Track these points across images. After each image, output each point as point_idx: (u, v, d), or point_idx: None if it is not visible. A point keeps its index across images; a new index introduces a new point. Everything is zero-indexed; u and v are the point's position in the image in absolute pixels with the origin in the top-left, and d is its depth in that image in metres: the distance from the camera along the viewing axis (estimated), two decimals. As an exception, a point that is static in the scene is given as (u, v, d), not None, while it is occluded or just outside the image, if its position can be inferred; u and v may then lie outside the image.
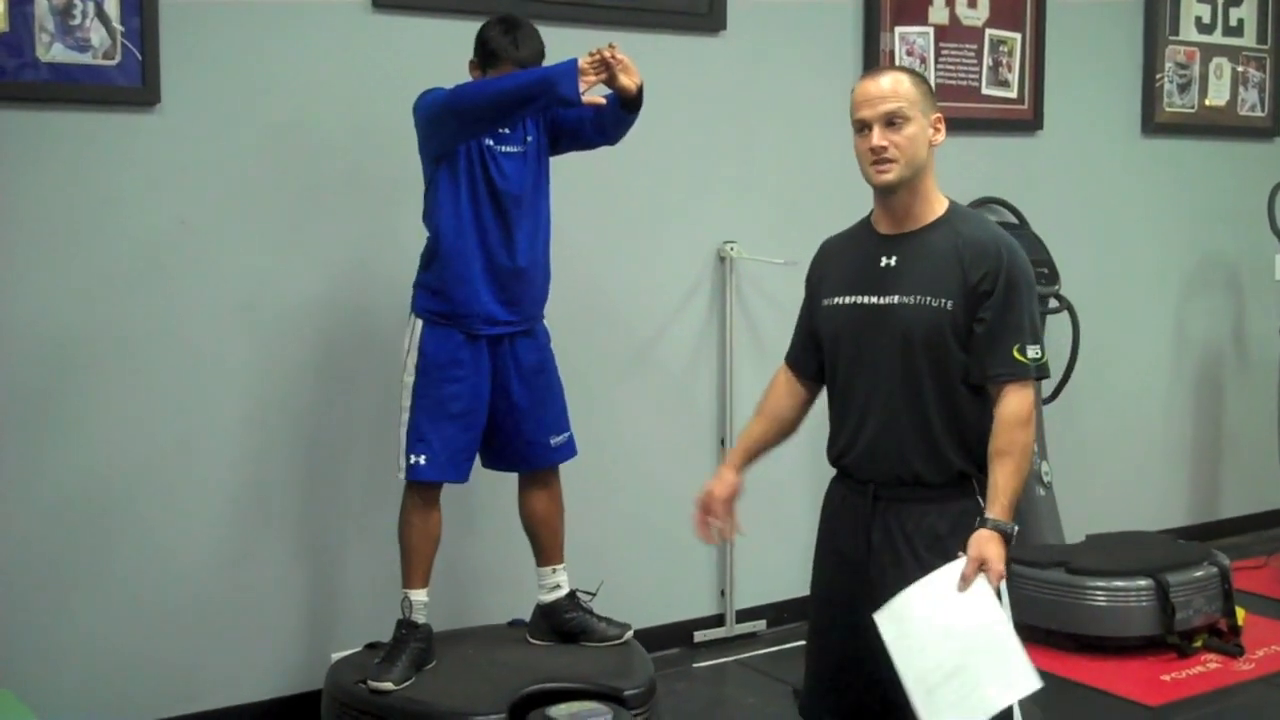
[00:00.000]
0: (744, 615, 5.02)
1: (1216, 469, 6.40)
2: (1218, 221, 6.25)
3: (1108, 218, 5.91)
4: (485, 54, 3.80)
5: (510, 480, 4.12)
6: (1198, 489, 6.34)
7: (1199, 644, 4.83)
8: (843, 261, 2.97)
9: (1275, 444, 5.87)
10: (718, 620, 4.99)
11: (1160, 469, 6.18)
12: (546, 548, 4.06)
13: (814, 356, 3.03)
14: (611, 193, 4.66)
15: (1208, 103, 6.19)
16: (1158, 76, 5.99)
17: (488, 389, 3.84)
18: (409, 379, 3.80)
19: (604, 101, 3.66)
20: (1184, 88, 6.09)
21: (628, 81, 3.67)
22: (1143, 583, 4.74)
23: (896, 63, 5.22)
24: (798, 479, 5.10)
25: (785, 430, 3.10)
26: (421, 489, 3.80)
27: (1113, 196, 5.93)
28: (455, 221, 3.76)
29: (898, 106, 2.79)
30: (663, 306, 4.83)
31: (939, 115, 2.86)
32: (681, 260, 4.87)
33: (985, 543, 2.70)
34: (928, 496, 2.82)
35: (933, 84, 5.26)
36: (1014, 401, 2.76)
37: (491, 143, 3.77)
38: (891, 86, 2.81)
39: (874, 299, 2.84)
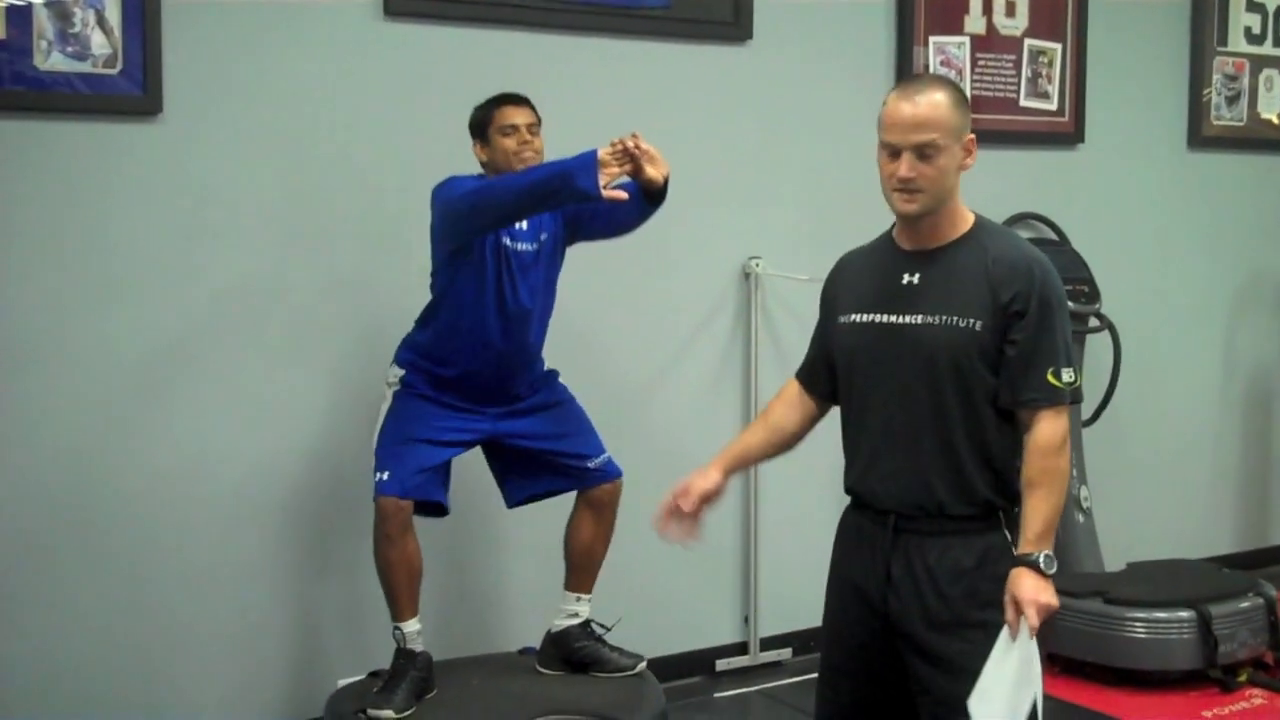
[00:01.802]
0: (768, 643, 4.87)
1: (1266, 493, 6.20)
2: (1267, 238, 6.06)
3: (1152, 234, 5.73)
4: (478, 125, 3.75)
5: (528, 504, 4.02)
6: (1246, 514, 6.14)
7: (1243, 678, 4.65)
8: (861, 277, 2.82)
9: (1327, 469, 5.68)
10: (741, 648, 4.85)
11: (1206, 493, 5.99)
12: (579, 575, 3.94)
13: (828, 376, 2.88)
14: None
15: (1258, 116, 5.99)
16: (1205, 89, 5.81)
17: (474, 428, 3.77)
18: (384, 406, 3.75)
19: (625, 196, 3.40)
20: (1232, 100, 5.90)
21: (655, 173, 3.45)
22: (1184, 614, 4.57)
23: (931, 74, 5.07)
24: (824, 503, 4.93)
25: (784, 443, 2.96)
26: (388, 516, 3.60)
27: (1157, 213, 5.75)
28: (459, 317, 3.69)
29: (931, 139, 2.59)
30: (686, 324, 4.70)
31: (971, 137, 2.66)
32: (705, 276, 4.74)
33: (1015, 582, 2.56)
34: (952, 529, 2.66)
35: (969, 96, 5.19)
36: (1047, 428, 2.60)
37: (508, 241, 3.68)
38: (927, 113, 2.60)
39: (894, 318, 2.69)
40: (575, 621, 3.93)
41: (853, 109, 4.95)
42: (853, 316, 2.77)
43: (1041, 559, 2.56)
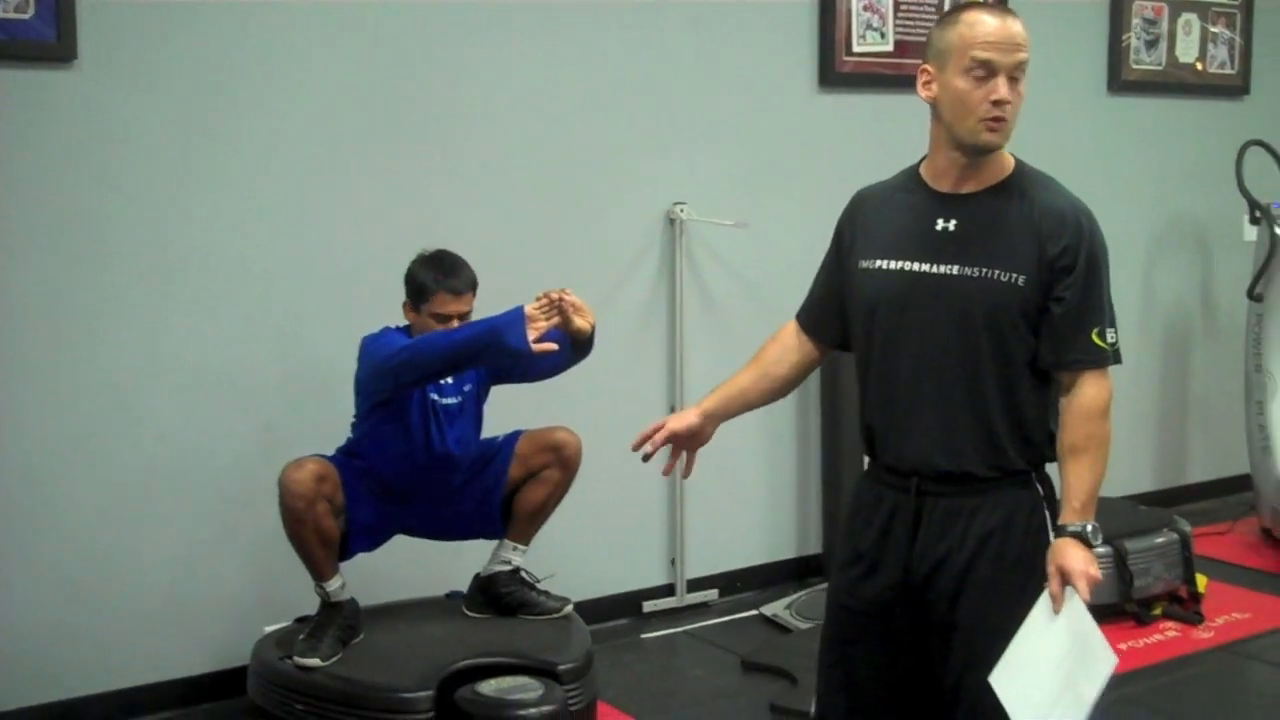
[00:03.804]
0: (695, 585, 4.93)
1: (1183, 433, 6.32)
2: (1186, 182, 6.14)
3: (1072, 178, 5.57)
4: (415, 291, 3.73)
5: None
6: (1164, 454, 6.26)
7: (1158, 612, 4.76)
8: (886, 218, 2.60)
9: (1243, 408, 5.78)
10: (668, 590, 4.89)
11: (1125, 433, 5.98)
12: (523, 527, 3.97)
13: (836, 321, 2.68)
14: (556, 153, 4.54)
15: (1177, 60, 6.06)
16: (1125, 34, 5.86)
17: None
18: None
19: (555, 348, 3.45)
20: (1152, 44, 5.96)
21: (582, 323, 3.52)
22: (1100, 550, 4.56)
23: (854, 20, 5.08)
24: (751, 445, 5.03)
25: (777, 389, 2.76)
26: (293, 492, 3.59)
27: (1078, 156, 5.78)
28: (385, 464, 3.73)
29: (1026, 59, 2.43)
30: (610, 270, 4.70)
31: None
32: (629, 222, 4.74)
33: (1061, 553, 2.43)
34: (979, 489, 2.51)
35: (892, 42, 5.22)
36: (1091, 391, 2.47)
37: (435, 396, 3.73)
38: (1023, 33, 2.44)
39: (927, 266, 2.49)
40: (506, 568, 3.97)
41: (776, 53, 4.99)
42: (876, 262, 2.56)
43: (1089, 530, 2.44)
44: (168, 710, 4.01)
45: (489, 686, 3.43)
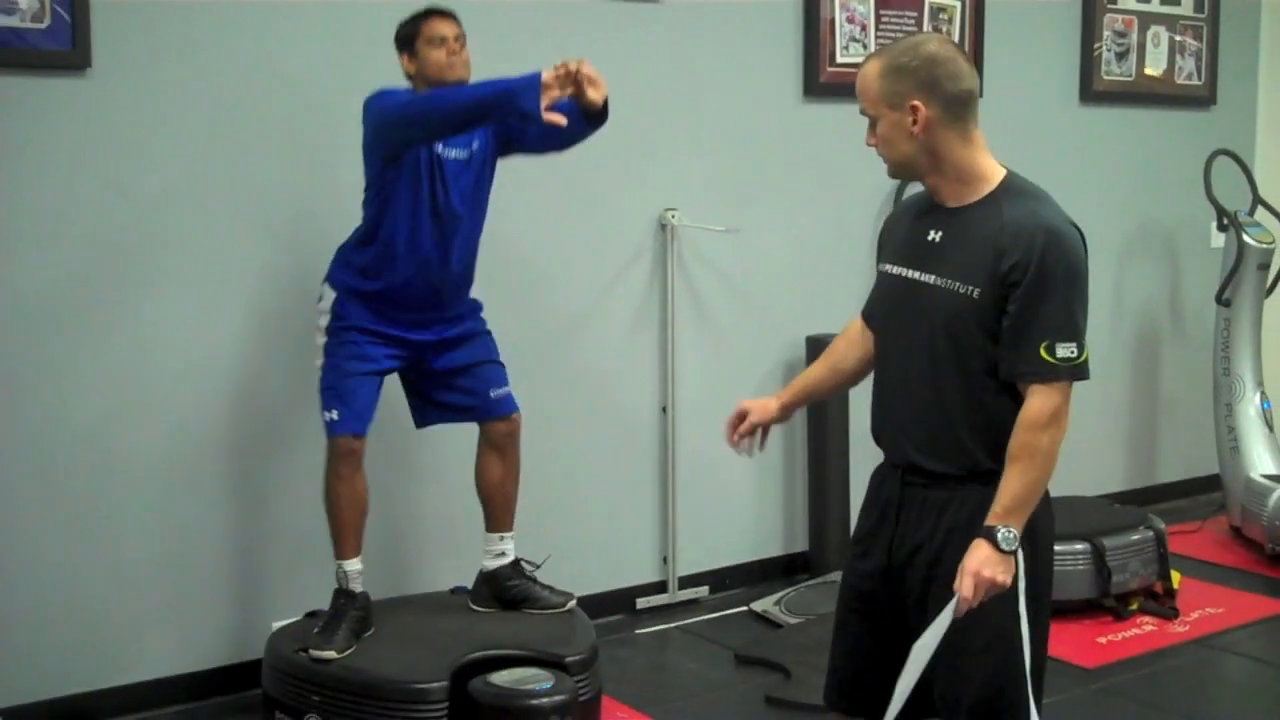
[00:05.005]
0: (686, 581, 5.03)
1: (1153, 434, 6.47)
2: (1155, 190, 6.30)
3: (1045, 186, 5.82)
4: (404, 38, 3.79)
5: (453, 444, 4.15)
6: (1135, 454, 6.41)
7: (1135, 607, 4.89)
8: (902, 226, 2.76)
9: (1211, 409, 5.94)
10: (660, 587, 5.00)
11: (1098, 434, 6.22)
12: (497, 515, 4.05)
13: None
14: (550, 159, 4.61)
15: (1146, 71, 6.22)
16: (1096, 45, 6.02)
17: (404, 354, 3.87)
18: (321, 340, 3.81)
19: (564, 121, 3.47)
20: (1122, 56, 6.12)
21: (595, 95, 3.57)
22: (1079, 547, 4.78)
23: (837, 31, 5.21)
24: (739, 447, 5.11)
25: (845, 381, 2.95)
26: (342, 455, 3.71)
27: (1051, 165, 5.82)
28: (395, 227, 3.75)
29: (863, 107, 2.61)
30: (603, 274, 4.81)
31: (915, 103, 2.54)
32: (622, 227, 4.84)
33: (968, 551, 2.51)
34: (954, 485, 2.63)
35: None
36: (1036, 403, 2.53)
37: (440, 148, 3.74)
38: (859, 85, 2.61)
39: (916, 274, 2.65)
40: (505, 561, 4.06)
41: (762, 63, 5.10)
42: (886, 266, 2.74)
43: (1000, 533, 2.48)
44: (178, 704, 4.08)
45: (502, 677, 3.51)
